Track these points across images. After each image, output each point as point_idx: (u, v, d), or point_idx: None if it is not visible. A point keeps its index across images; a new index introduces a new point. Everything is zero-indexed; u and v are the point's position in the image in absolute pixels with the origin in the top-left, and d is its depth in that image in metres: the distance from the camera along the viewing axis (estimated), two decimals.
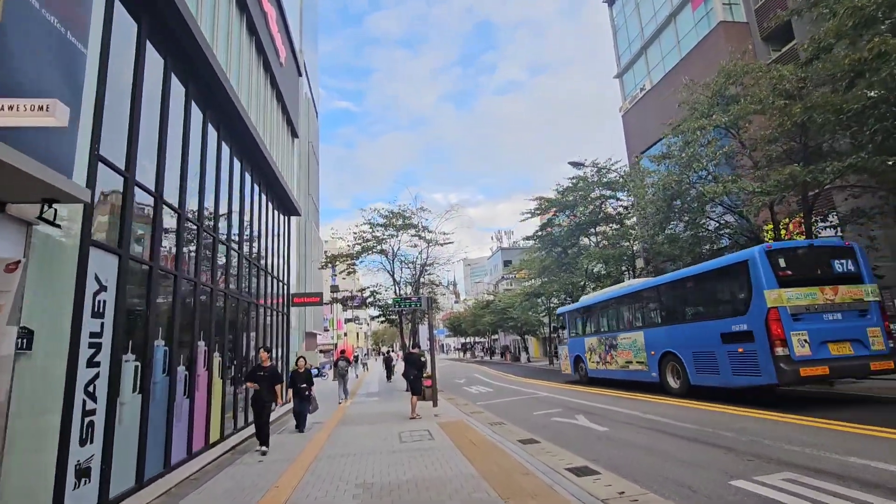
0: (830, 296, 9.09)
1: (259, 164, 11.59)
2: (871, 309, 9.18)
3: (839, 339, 8.86)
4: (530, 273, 33.68)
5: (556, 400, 12.57)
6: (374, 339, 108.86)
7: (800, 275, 9.21)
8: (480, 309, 52.85)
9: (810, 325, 8.81)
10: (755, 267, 9.20)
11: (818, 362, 8.53)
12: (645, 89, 34.81)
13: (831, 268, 9.40)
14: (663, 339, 11.85)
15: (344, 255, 19.03)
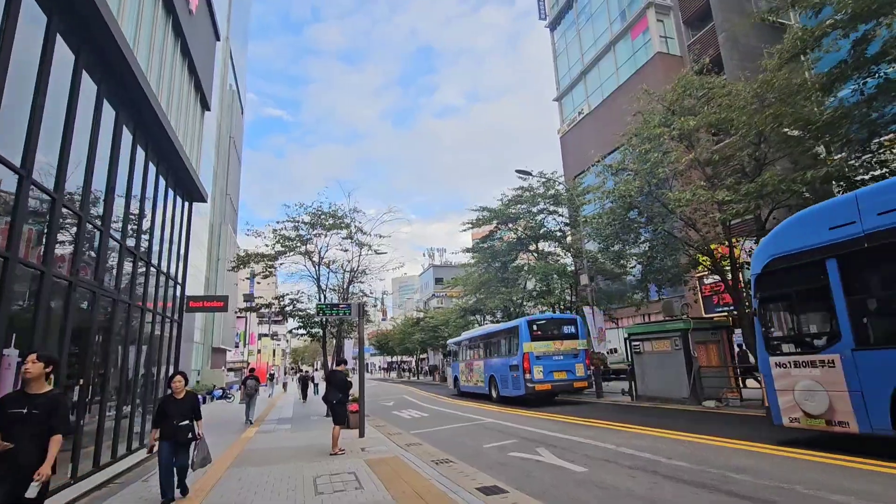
0: (559, 347, 15.93)
1: (149, 125, 8.97)
2: (580, 354, 16.19)
3: (560, 370, 15.70)
4: (465, 290, 32.32)
5: (505, 428, 10.83)
6: (293, 357, 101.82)
7: (543, 334, 15.99)
8: (410, 326, 50.62)
9: (545, 363, 15.63)
10: (521, 329, 16.03)
11: (546, 382, 15.45)
12: (583, 113, 35.45)
13: (561, 330, 16.25)
14: (490, 366, 18.56)
15: (260, 255, 16.17)
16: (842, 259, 6.39)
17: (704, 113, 11.55)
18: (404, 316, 64.17)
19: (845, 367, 6.31)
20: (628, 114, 14.39)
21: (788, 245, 7.07)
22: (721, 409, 12.14)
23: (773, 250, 7.34)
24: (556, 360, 15.61)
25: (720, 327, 14.18)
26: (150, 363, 10.45)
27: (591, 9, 35.55)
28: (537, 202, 21.85)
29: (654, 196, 12.39)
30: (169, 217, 11.36)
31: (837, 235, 6.42)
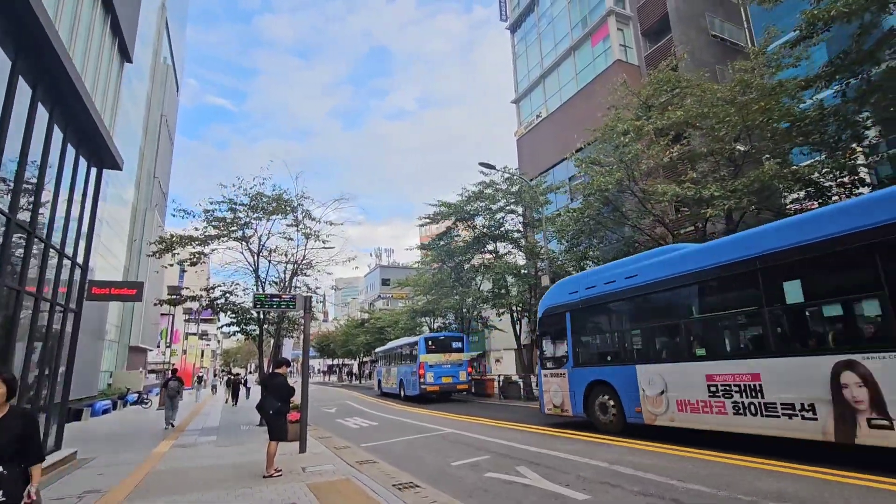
0: (448, 358, 20.26)
1: (41, 54, 6.94)
2: (464, 364, 20.82)
3: (447, 375, 19.93)
4: (415, 291, 30.95)
5: (470, 440, 9.59)
6: (224, 359, 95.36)
7: (437, 348, 20.28)
8: (354, 328, 48.42)
9: (436, 370, 19.82)
10: (420, 344, 20.41)
11: (436, 385, 19.68)
12: (541, 116, 35.32)
13: (451, 346, 20.67)
14: (400, 372, 22.91)
15: (188, 238, 13.78)
16: (571, 313, 10.48)
17: (686, 106, 11.01)
18: (348, 317, 61.59)
19: (569, 378, 10.44)
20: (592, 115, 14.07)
21: (552, 301, 11.16)
22: None
23: (546, 303, 11.38)
24: (445, 368, 20.17)
25: None
26: (42, 362, 8.24)
27: (553, 13, 35.58)
28: (498, 199, 20.95)
29: (633, 191, 11.75)
30: (67, 183, 9.18)
31: (570, 298, 10.54)
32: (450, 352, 20.22)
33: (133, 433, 13.66)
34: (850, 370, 5.71)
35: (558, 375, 10.65)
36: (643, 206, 11.12)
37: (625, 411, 8.85)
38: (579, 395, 9.93)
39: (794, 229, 6.49)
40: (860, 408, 5.58)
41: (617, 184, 11.29)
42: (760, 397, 6.61)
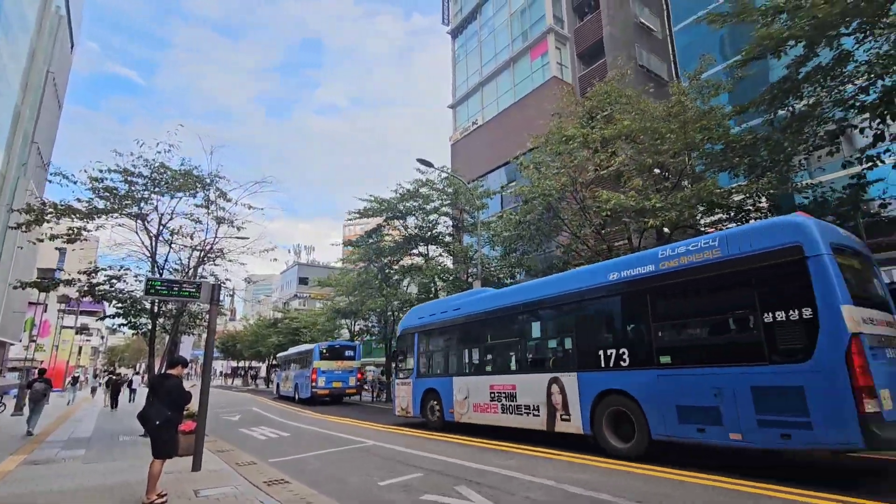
0: (339, 365, 22.30)
1: None
2: (354, 370, 22.84)
3: (337, 381, 22.05)
4: (337, 290, 29.32)
5: (396, 454, 8.66)
6: (108, 358, 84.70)
7: (330, 356, 22.32)
8: (265, 328, 45.08)
9: (328, 375, 21.85)
10: (315, 351, 22.40)
11: (326, 388, 21.68)
12: (477, 123, 35.44)
13: (343, 354, 22.79)
14: (296, 376, 24.67)
15: (66, 209, 11.24)
16: (417, 334, 12.81)
17: (631, 118, 11.11)
18: (259, 315, 57.41)
19: (413, 387, 12.69)
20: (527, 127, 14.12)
21: (405, 323, 13.56)
22: None
23: (402, 325, 13.77)
24: (336, 374, 22.20)
25: None
26: None
27: (494, 23, 36.02)
28: (433, 200, 20.29)
29: (576, 198, 11.65)
30: None
31: (418, 322, 12.97)
32: (342, 359, 22.74)
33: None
34: (555, 384, 8.61)
35: (406, 384, 13.17)
36: (584, 214, 11.02)
37: (444, 412, 11.45)
38: (418, 400, 12.50)
39: (537, 288, 9.63)
40: (558, 408, 8.50)
41: (561, 189, 11.11)
42: (515, 401, 9.42)
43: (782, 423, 5.70)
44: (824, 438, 5.41)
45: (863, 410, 5.16)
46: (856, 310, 5.64)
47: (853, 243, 6.64)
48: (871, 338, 5.66)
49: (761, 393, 5.91)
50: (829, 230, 6.33)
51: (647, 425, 7.02)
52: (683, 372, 6.78)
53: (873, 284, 6.71)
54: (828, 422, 5.38)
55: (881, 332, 5.98)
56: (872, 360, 5.45)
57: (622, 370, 7.57)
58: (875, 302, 6.34)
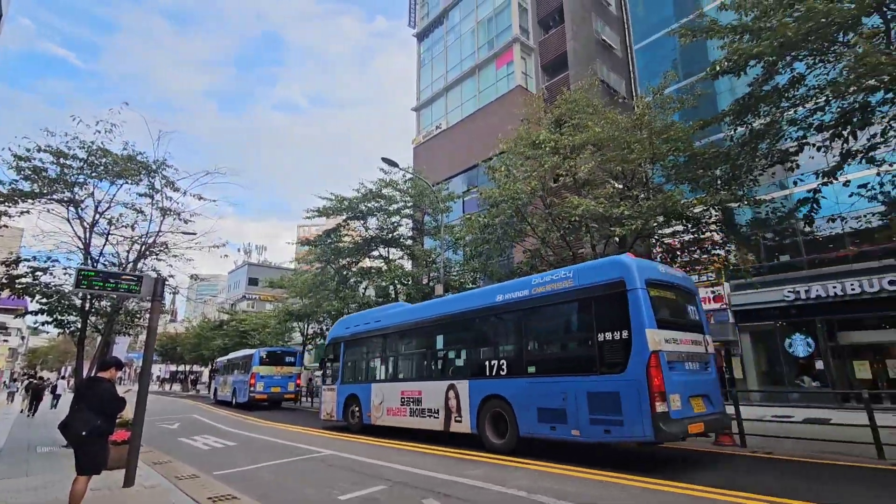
0: (279, 370, 22.72)
1: None
2: (293, 376, 23.25)
3: (276, 386, 22.41)
4: (291, 292, 28.17)
5: (357, 464, 8.12)
6: (29, 360, 77.46)
7: (270, 361, 22.69)
8: (210, 330, 42.68)
9: (266, 380, 22.21)
10: (255, 357, 22.69)
11: (265, 393, 22.03)
12: (441, 128, 35.31)
13: (284, 360, 23.27)
14: (235, 381, 24.53)
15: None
16: (343, 343, 13.72)
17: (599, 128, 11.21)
18: (203, 316, 54.37)
19: (337, 392, 13.48)
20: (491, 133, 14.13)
21: (333, 333, 14.42)
22: None
23: (331, 334, 14.64)
24: (275, 379, 22.46)
25: None
26: None
27: (461, 30, 36.15)
28: (396, 201, 19.82)
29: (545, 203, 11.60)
30: None
31: (344, 332, 13.81)
32: (282, 365, 23.05)
33: None
34: (451, 390, 9.71)
35: (331, 390, 13.92)
36: (551, 219, 10.97)
37: (363, 416, 12.29)
38: (341, 405, 13.26)
39: (440, 305, 11.06)
40: (453, 411, 9.59)
41: (531, 193, 11.02)
42: (421, 405, 10.46)
43: (605, 422, 7.05)
44: (630, 433, 6.76)
45: (655, 410, 6.51)
46: (659, 332, 6.96)
47: (671, 279, 8.00)
48: (671, 354, 7.04)
49: (593, 398, 7.24)
50: (648, 268, 7.66)
51: (516, 424, 8.29)
52: (543, 380, 8.08)
53: (686, 311, 8.12)
54: (633, 420, 6.71)
55: (683, 349, 7.36)
56: (668, 372, 6.82)
57: (501, 378, 8.85)
58: (684, 325, 7.74)
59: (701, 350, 7.84)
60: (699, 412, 7.20)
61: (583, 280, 7.89)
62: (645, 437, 6.59)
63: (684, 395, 7.00)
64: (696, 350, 7.70)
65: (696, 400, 7.29)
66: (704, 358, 7.88)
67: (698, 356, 7.73)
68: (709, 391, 7.63)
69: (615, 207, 9.61)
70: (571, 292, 7.98)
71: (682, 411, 6.85)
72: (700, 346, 7.86)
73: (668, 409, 6.61)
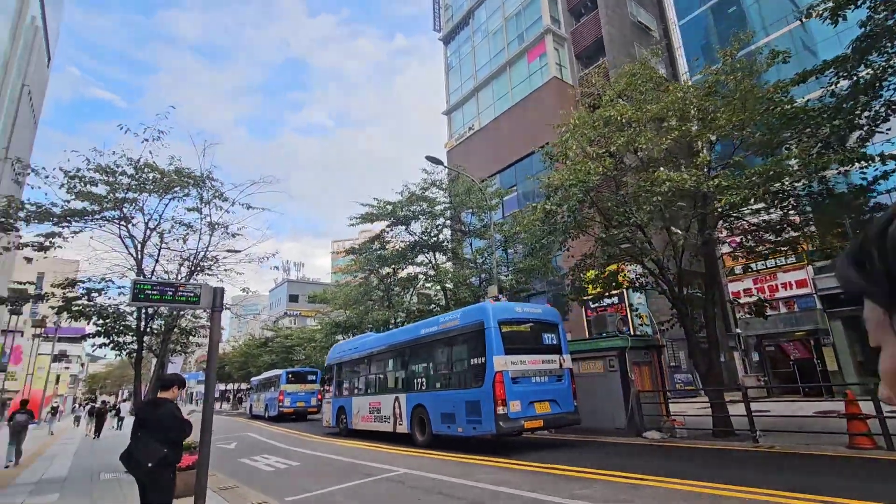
0: (303, 387, 25.53)
1: None
2: (315, 392, 25.73)
3: (301, 400, 25.19)
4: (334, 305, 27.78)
5: (439, 485, 7.27)
6: (88, 386, 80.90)
7: (295, 380, 25.57)
8: (256, 347, 43.04)
9: (292, 396, 24.96)
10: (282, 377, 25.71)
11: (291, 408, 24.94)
12: (473, 129, 34.54)
13: (306, 378, 25.97)
14: (266, 398, 27.59)
15: (39, 212, 9.63)
16: (336, 366, 16.65)
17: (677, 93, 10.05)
18: (249, 335, 55.15)
19: (333, 405, 16.48)
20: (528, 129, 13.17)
21: (331, 356, 17.20)
22: (668, 441, 10.38)
23: (329, 357, 17.47)
24: (300, 395, 24.97)
25: (652, 346, 12.80)
26: None
27: (488, 27, 35.40)
28: (438, 202, 19.05)
29: (619, 185, 10.51)
30: None
31: (338, 356, 16.59)
32: (305, 382, 25.72)
33: None
34: (397, 401, 12.42)
35: (329, 403, 17.12)
36: (633, 203, 9.81)
37: (348, 422, 15.05)
38: (334, 414, 16.26)
39: (391, 336, 14.04)
40: (398, 417, 12.27)
41: (603, 174, 9.95)
42: (380, 413, 13.24)
43: (473, 421, 9.66)
44: (484, 429, 9.38)
45: (496, 412, 9.10)
46: (505, 357, 9.60)
47: (526, 316, 10.75)
48: (515, 372, 9.62)
49: (468, 404, 9.88)
50: (503, 310, 10.41)
51: (430, 425, 11.06)
52: (444, 393, 10.96)
53: (540, 339, 10.70)
54: (486, 419, 9.32)
55: (530, 367, 9.94)
56: (511, 385, 9.39)
57: (423, 392, 11.78)
58: (535, 350, 10.29)
59: (553, 367, 10.39)
60: (542, 412, 9.75)
61: (464, 320, 10.78)
62: (490, 432, 9.24)
63: (525, 401, 9.51)
64: (546, 367, 10.25)
65: (542, 404, 9.81)
66: (557, 372, 10.42)
67: (548, 371, 10.28)
68: (557, 397, 10.14)
69: (710, 179, 8.42)
70: (457, 329, 10.90)
71: (521, 413, 9.37)
72: (553, 363, 10.42)
73: (507, 412, 9.19)
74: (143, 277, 11.62)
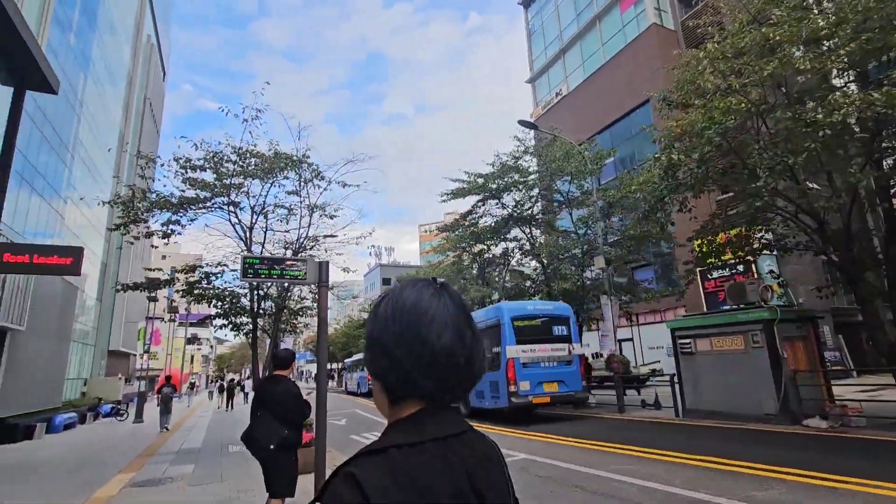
0: None
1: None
2: None
3: None
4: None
5: (564, 474, 6.46)
6: (217, 365, 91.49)
7: None
8: (356, 329, 45.11)
9: None
10: None
11: None
12: (561, 93, 32.37)
13: None
14: (357, 377, 32.25)
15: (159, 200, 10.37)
16: None
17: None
18: (348, 318, 58.20)
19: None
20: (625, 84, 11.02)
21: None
22: (839, 431, 8.55)
23: None
24: None
25: (806, 319, 10.73)
26: None
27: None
28: (529, 173, 17.81)
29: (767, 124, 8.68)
30: None
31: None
32: None
33: (85, 458, 10.41)
34: None
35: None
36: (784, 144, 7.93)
37: None
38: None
39: None
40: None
41: (747, 111, 8.16)
42: None
43: (494, 397, 12.18)
44: (501, 403, 11.85)
45: (510, 391, 11.60)
46: (516, 347, 11.96)
47: (537, 312, 12.82)
48: (525, 358, 11.95)
49: (491, 384, 12.25)
50: (516, 309, 12.76)
51: (468, 399, 12.74)
52: None
53: (550, 331, 12.61)
54: (502, 395, 11.80)
55: (539, 355, 12.14)
56: (522, 369, 11.77)
57: None
58: (545, 340, 12.39)
59: (562, 354, 12.30)
60: (550, 391, 11.87)
61: (487, 317, 13.01)
62: (505, 406, 11.62)
63: (534, 382, 11.68)
64: (554, 354, 12.22)
65: (550, 384, 11.89)
66: (566, 358, 12.31)
67: (557, 358, 12.22)
68: (565, 378, 12.09)
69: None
70: (483, 324, 12.75)
71: (529, 391, 11.60)
72: (562, 351, 12.32)
73: (517, 390, 11.49)
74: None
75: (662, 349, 23.41)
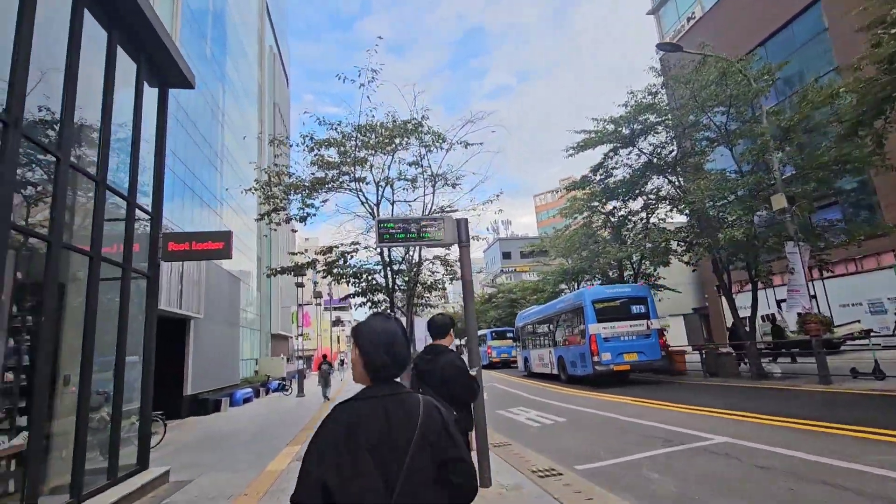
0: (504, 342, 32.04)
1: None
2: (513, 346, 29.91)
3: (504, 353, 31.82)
4: (555, 252, 26.00)
5: (783, 463, 4.94)
6: None
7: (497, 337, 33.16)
8: (482, 304, 45.19)
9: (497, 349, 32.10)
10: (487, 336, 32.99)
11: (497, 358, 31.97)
12: (694, 17, 27.68)
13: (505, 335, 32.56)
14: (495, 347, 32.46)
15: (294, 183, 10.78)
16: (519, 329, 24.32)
17: None
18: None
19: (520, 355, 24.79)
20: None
21: (518, 321, 24.56)
22: None
23: (517, 321, 25.14)
24: (503, 348, 31.33)
25: None
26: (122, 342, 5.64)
27: None
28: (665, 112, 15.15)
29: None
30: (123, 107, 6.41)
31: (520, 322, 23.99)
32: (505, 339, 31.34)
33: (260, 429, 11.37)
34: (550, 353, 18.76)
35: (518, 354, 25.74)
36: None
37: (531, 367, 21.63)
38: (522, 362, 23.79)
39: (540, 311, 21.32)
40: (552, 365, 18.31)
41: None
42: (543, 361, 19.55)
43: (582, 365, 15.03)
44: (588, 370, 14.53)
45: (594, 361, 14.20)
46: (597, 325, 14.52)
47: (614, 294, 15.47)
48: (605, 333, 14.41)
49: (580, 355, 15.19)
50: (595, 293, 15.62)
51: (567, 369, 16.62)
52: (570, 348, 16.46)
53: (628, 310, 15.04)
54: (588, 364, 14.49)
55: (617, 331, 14.49)
56: (603, 343, 14.25)
57: (561, 346, 17.66)
58: (624, 317, 14.81)
59: (641, 328, 14.65)
60: (630, 360, 14.28)
61: (574, 301, 16.56)
62: (589, 373, 14.47)
63: (615, 353, 14.21)
64: (634, 329, 14.64)
65: (630, 354, 14.32)
66: (645, 332, 14.63)
67: (635, 332, 14.62)
68: (644, 349, 14.42)
69: None
70: (571, 307, 16.72)
71: (611, 360, 14.14)
72: (641, 326, 14.68)
73: (599, 360, 14.16)
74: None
75: (861, 306, 18.94)
